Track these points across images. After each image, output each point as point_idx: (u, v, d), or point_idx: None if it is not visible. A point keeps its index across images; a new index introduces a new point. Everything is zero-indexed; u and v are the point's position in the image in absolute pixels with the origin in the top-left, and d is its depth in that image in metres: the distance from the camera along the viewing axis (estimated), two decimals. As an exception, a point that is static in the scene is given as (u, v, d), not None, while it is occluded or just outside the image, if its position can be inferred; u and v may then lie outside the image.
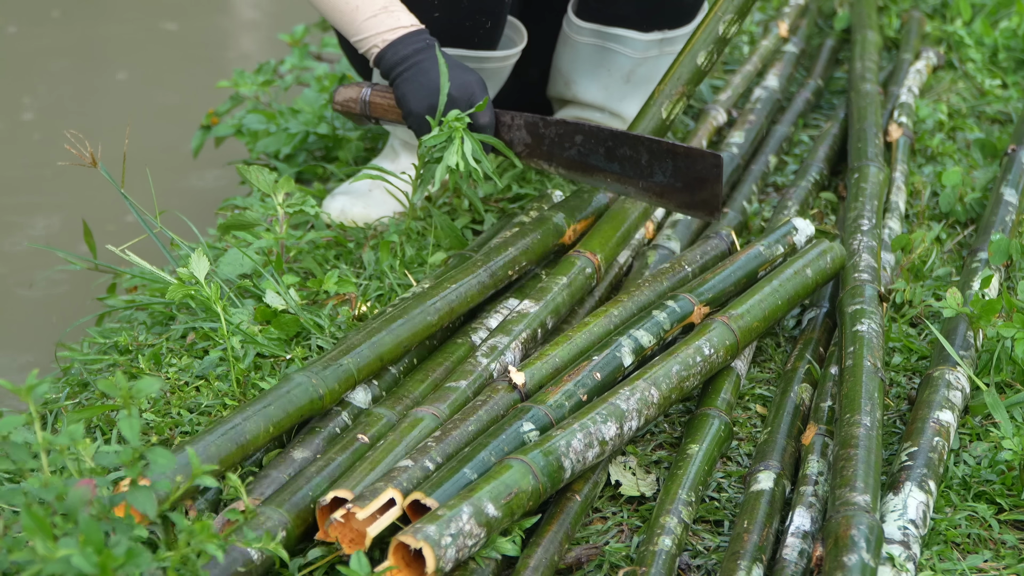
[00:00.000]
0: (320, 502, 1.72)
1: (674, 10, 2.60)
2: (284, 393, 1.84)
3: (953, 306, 2.10)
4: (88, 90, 4.10)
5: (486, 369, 1.98)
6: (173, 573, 1.52)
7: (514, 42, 2.58)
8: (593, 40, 2.62)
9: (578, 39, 2.63)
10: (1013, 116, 3.09)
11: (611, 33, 2.59)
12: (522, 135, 2.35)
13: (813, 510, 1.79)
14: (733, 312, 2.05)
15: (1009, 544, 1.83)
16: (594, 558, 1.79)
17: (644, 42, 2.63)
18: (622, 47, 2.63)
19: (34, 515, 1.39)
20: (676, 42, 2.65)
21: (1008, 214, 2.49)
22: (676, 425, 2.07)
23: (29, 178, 3.56)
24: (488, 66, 2.53)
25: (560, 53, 2.69)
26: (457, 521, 1.60)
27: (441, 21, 2.42)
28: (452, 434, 1.81)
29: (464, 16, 2.44)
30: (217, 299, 2.06)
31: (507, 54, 2.55)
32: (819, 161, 2.77)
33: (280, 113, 2.95)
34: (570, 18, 2.62)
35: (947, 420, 1.94)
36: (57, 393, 2.18)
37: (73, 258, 2.44)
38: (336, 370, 1.90)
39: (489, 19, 2.46)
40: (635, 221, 2.33)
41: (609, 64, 2.65)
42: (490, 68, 2.54)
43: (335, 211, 2.59)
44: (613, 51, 2.63)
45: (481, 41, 2.49)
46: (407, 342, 2.00)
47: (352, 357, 1.93)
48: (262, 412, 1.80)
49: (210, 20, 4.69)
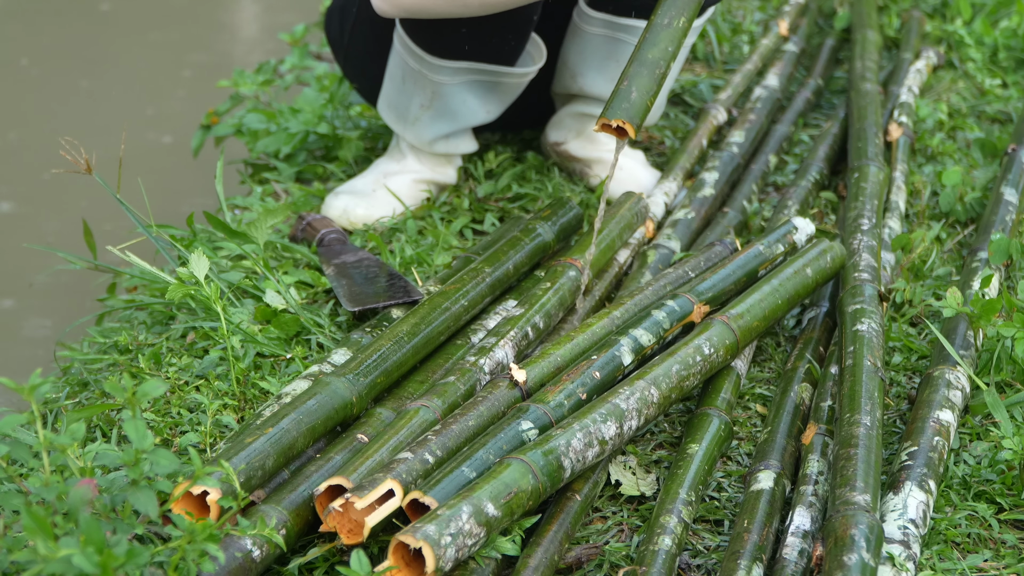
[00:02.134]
0: (315, 491, 1.72)
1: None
2: (325, 399, 1.86)
3: (953, 306, 2.10)
4: (88, 89, 4.10)
5: (475, 364, 1.98)
6: (173, 572, 1.52)
7: (534, 59, 2.58)
8: (604, 31, 2.61)
9: (589, 30, 2.62)
10: (1013, 115, 3.09)
11: (623, 24, 2.58)
12: None
13: (813, 509, 1.79)
14: (733, 311, 2.05)
15: (1009, 544, 1.83)
16: (594, 558, 1.79)
17: None
18: (634, 38, 2.62)
19: (35, 515, 1.39)
20: (689, 33, 2.64)
21: (1008, 213, 2.49)
22: (676, 424, 2.07)
23: (29, 177, 3.56)
24: (506, 81, 2.54)
25: (568, 46, 2.68)
26: (457, 520, 1.60)
27: (468, 37, 2.43)
28: (452, 428, 1.81)
29: (491, 33, 2.44)
30: (217, 299, 2.06)
31: (526, 71, 2.55)
32: (819, 160, 2.77)
33: (280, 113, 2.95)
34: (582, 8, 2.61)
35: (947, 419, 1.94)
36: (57, 393, 2.18)
37: (73, 258, 2.44)
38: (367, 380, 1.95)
39: (514, 37, 2.47)
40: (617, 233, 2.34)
41: (619, 55, 2.64)
42: (507, 83, 2.55)
43: (337, 211, 2.58)
44: (624, 43, 2.61)
45: (503, 57, 2.50)
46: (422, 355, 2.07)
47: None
48: (304, 418, 1.83)
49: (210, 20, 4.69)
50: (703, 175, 2.65)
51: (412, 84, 2.53)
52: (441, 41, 2.45)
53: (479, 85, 2.54)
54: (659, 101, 2.73)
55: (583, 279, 2.21)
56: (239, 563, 1.63)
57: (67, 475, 1.57)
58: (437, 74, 2.49)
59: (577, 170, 2.77)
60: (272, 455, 1.76)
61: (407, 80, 2.53)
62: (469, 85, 2.53)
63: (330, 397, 1.88)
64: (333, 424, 1.88)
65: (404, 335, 2.03)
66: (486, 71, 2.50)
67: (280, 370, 2.15)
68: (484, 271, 2.21)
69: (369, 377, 1.94)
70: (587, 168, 2.75)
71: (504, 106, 2.62)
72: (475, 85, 2.53)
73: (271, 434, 1.78)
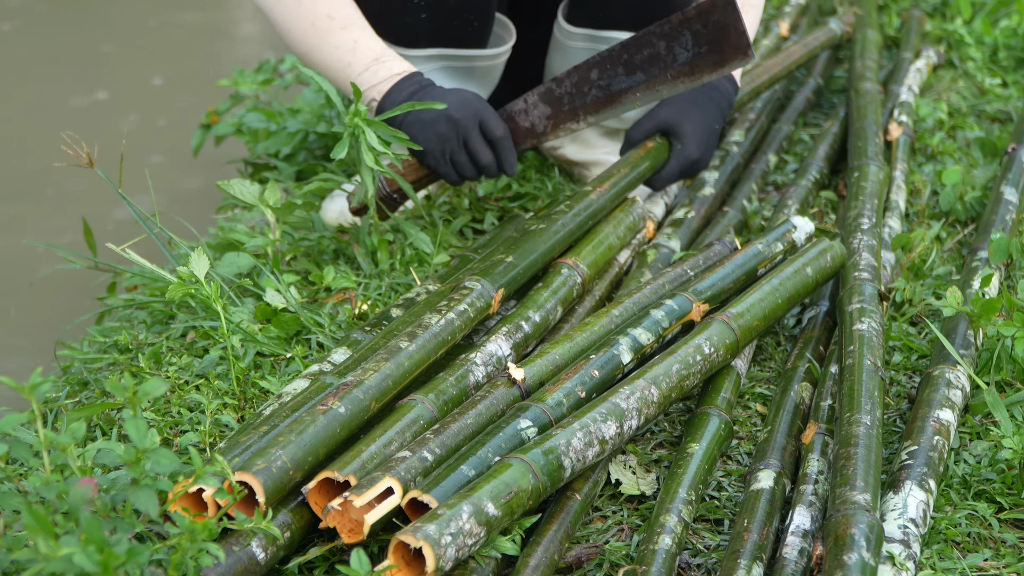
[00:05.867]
0: (304, 489, 1.72)
1: (664, 10, 2.60)
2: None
3: (953, 305, 2.10)
4: (89, 89, 4.11)
5: (465, 359, 1.98)
6: (173, 571, 1.52)
7: (504, 40, 2.58)
8: (586, 44, 2.62)
9: (570, 44, 2.63)
10: (1013, 115, 3.09)
11: (603, 36, 2.59)
12: (541, 110, 2.34)
13: (813, 509, 1.79)
14: (733, 311, 2.05)
15: (1009, 543, 1.83)
16: (594, 557, 1.79)
17: None
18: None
19: (35, 514, 1.39)
20: None
21: (1008, 213, 2.49)
22: (676, 424, 2.07)
23: (30, 177, 3.56)
24: (479, 64, 2.53)
25: (552, 58, 2.69)
26: (457, 520, 1.60)
27: (429, 22, 2.43)
28: (451, 427, 1.81)
29: (452, 16, 2.44)
30: (217, 298, 2.06)
31: (497, 52, 2.55)
32: (819, 160, 2.77)
33: (280, 113, 2.95)
34: (561, 24, 2.62)
35: (947, 419, 1.94)
36: (57, 392, 2.18)
37: (73, 257, 2.44)
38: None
39: (477, 18, 2.46)
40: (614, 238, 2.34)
41: None
42: (481, 67, 2.54)
43: (335, 212, 2.58)
44: None
45: (470, 40, 2.49)
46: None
47: None
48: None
49: (210, 19, 4.69)
50: (703, 174, 2.65)
51: None
52: (404, 28, 2.44)
53: (454, 71, 2.53)
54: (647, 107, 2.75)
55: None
56: (244, 565, 1.63)
57: (67, 474, 1.57)
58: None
59: (576, 172, 2.78)
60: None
61: None
62: (444, 72, 2.52)
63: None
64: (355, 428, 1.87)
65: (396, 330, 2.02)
66: (456, 56, 2.50)
67: (280, 369, 2.15)
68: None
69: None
70: (585, 171, 2.76)
71: (487, 91, 2.61)
72: (449, 71, 2.53)
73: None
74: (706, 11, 2.18)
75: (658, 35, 2.21)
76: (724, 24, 2.17)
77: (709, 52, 2.21)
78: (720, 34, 2.18)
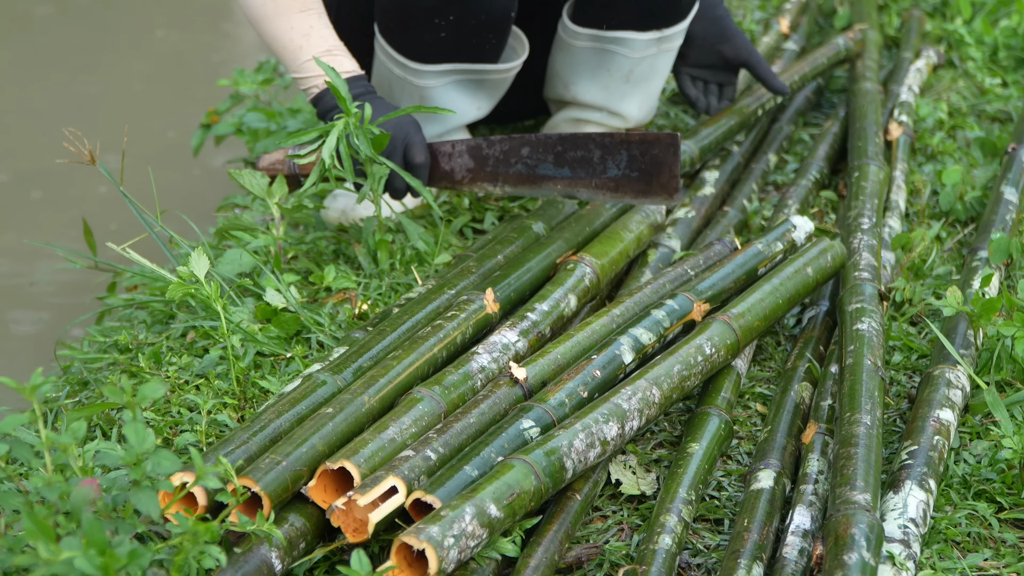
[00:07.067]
0: (304, 489, 1.72)
1: (670, 8, 2.60)
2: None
3: (953, 305, 2.10)
4: (89, 88, 4.10)
5: (471, 354, 1.98)
6: (176, 572, 1.52)
7: (516, 52, 2.59)
8: (591, 44, 2.62)
9: (575, 44, 2.63)
10: (1013, 115, 3.09)
11: (609, 36, 2.59)
12: (464, 161, 2.37)
13: (813, 509, 1.79)
14: (734, 311, 2.05)
15: (1009, 542, 1.83)
16: (594, 557, 1.79)
17: (643, 42, 2.63)
18: (621, 48, 2.63)
19: (35, 517, 1.39)
20: (674, 39, 2.65)
21: (1008, 213, 2.49)
22: (676, 424, 2.07)
23: (30, 177, 3.55)
24: (491, 78, 2.54)
25: (557, 57, 2.69)
26: (460, 522, 1.60)
27: (447, 39, 2.43)
28: (454, 426, 1.82)
29: (472, 34, 2.44)
30: (217, 297, 2.06)
31: (509, 66, 2.55)
32: (819, 160, 2.77)
33: (280, 113, 2.95)
34: (566, 24, 2.63)
35: (947, 419, 1.94)
36: (57, 392, 2.18)
37: (73, 256, 2.44)
38: None
39: (496, 35, 2.47)
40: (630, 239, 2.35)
41: (609, 65, 2.65)
42: (493, 80, 2.55)
43: (337, 211, 2.58)
44: (612, 52, 2.63)
45: (486, 55, 2.50)
46: None
47: None
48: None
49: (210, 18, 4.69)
50: (703, 174, 2.65)
51: (399, 90, 2.53)
52: (422, 46, 2.45)
53: (465, 84, 2.54)
54: (651, 102, 2.75)
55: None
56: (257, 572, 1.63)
57: (68, 475, 1.57)
58: (421, 79, 2.49)
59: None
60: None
61: (393, 87, 2.54)
62: (455, 85, 2.53)
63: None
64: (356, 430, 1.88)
65: (387, 327, 2.04)
66: (470, 70, 2.51)
67: (280, 369, 2.15)
68: (474, 268, 2.22)
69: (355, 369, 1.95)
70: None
71: (494, 101, 2.62)
72: (461, 84, 2.53)
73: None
74: (649, 141, 2.25)
75: (598, 143, 2.26)
76: (661, 161, 2.24)
77: (638, 179, 2.26)
78: (654, 167, 2.24)
